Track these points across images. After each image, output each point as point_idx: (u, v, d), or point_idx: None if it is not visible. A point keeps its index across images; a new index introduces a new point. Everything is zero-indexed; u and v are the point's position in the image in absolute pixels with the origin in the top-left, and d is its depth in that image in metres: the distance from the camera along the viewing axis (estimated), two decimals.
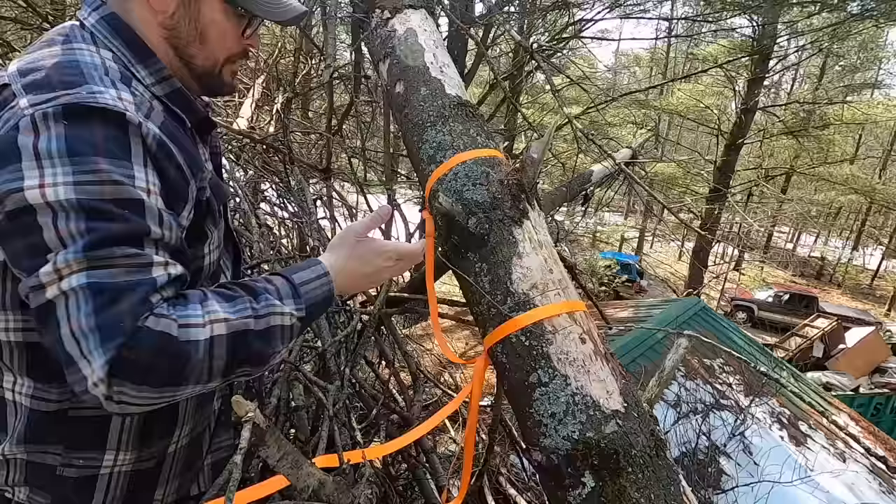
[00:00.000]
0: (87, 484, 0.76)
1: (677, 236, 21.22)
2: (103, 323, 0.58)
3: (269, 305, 0.70)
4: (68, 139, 0.60)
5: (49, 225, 0.58)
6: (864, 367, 10.02)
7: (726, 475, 4.04)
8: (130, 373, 0.59)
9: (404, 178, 5.05)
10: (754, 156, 18.73)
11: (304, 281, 0.76)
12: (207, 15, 0.77)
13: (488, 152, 1.19)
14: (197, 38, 0.78)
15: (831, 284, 24.74)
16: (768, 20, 9.89)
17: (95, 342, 0.57)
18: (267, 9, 0.80)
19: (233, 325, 0.66)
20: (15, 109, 0.61)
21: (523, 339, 1.02)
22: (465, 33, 4.74)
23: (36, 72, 0.65)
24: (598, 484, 0.89)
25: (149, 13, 0.75)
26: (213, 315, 0.65)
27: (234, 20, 0.80)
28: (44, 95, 0.62)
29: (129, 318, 0.58)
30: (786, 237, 28.91)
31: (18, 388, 0.73)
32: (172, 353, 0.60)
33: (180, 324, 0.61)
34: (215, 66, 0.82)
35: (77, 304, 0.58)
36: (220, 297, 0.68)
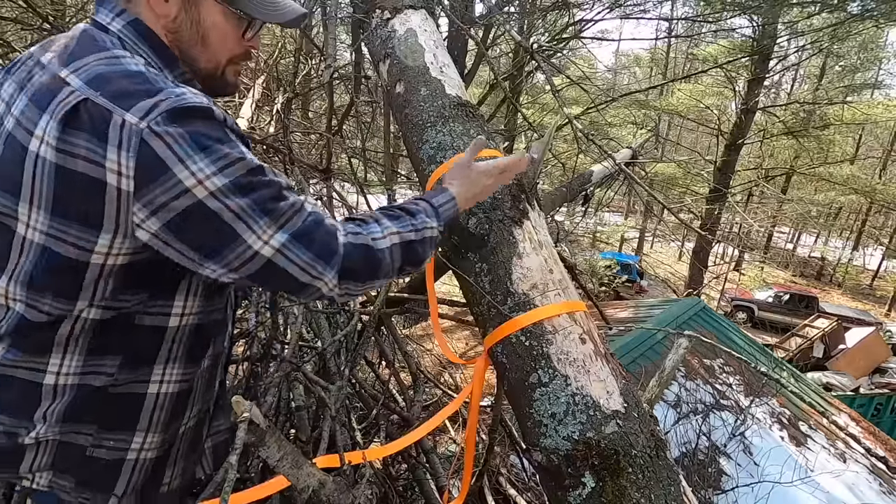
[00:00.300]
0: (113, 467, 0.82)
1: (677, 236, 21.21)
2: (319, 252, 0.77)
3: (423, 222, 0.92)
4: (192, 136, 0.68)
5: (222, 209, 0.69)
6: (865, 367, 10.01)
7: (726, 475, 4.03)
8: (351, 274, 0.81)
9: (404, 178, 5.05)
10: (754, 156, 18.73)
11: (440, 204, 0.97)
12: (208, 18, 0.81)
13: (488, 152, 1.19)
14: (199, 41, 0.82)
15: (831, 285, 24.73)
16: (768, 20, 9.89)
17: (322, 266, 0.78)
18: (265, 11, 0.83)
19: (402, 237, 0.88)
20: (127, 127, 0.66)
21: (523, 339, 1.02)
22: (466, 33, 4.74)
23: (107, 83, 0.69)
24: (598, 484, 0.89)
25: (153, 17, 0.78)
26: (388, 230, 0.87)
27: (234, 22, 0.83)
28: (142, 107, 0.67)
29: (334, 241, 0.79)
30: (786, 237, 28.90)
31: (66, 369, 0.78)
32: (373, 257, 0.83)
33: (372, 237, 0.84)
34: (217, 67, 0.86)
35: (294, 252, 0.75)
36: (389, 217, 0.90)
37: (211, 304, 0.87)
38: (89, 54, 0.72)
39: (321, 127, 4.14)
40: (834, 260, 25.71)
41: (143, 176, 0.67)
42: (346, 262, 0.80)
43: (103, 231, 0.70)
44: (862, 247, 26.94)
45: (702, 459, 3.98)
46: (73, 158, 0.67)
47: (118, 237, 0.70)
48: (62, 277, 0.73)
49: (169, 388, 0.84)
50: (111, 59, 0.72)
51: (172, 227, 0.69)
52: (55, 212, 0.70)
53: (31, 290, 0.74)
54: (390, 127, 3.05)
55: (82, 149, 0.67)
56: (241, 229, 0.71)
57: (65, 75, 0.70)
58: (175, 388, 0.85)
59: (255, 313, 1.86)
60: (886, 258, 24.14)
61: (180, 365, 0.85)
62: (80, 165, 0.67)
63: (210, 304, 0.87)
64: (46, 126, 0.68)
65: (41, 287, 0.74)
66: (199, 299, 0.84)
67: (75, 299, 0.74)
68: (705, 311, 6.55)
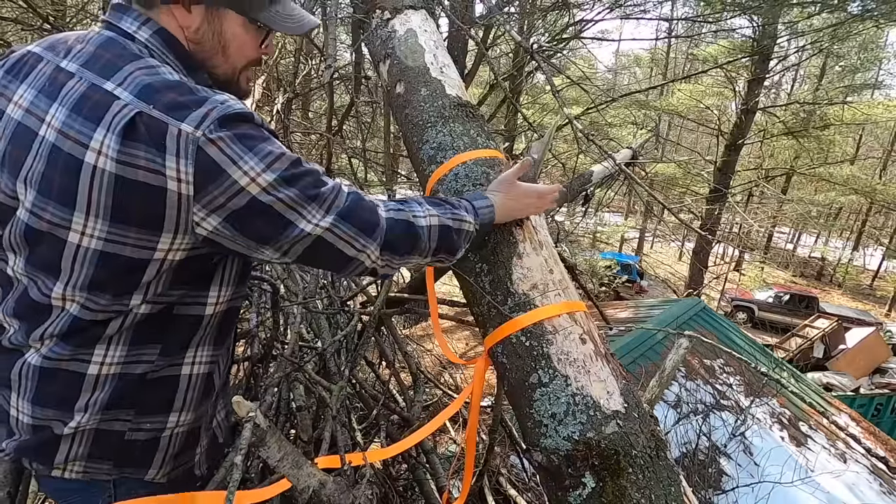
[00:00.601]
0: (150, 447, 0.88)
1: (677, 237, 21.21)
2: (363, 227, 0.84)
3: (461, 214, 0.97)
4: (241, 139, 0.74)
5: (274, 201, 0.76)
6: (865, 367, 10.01)
7: (727, 476, 4.03)
8: (391, 246, 0.88)
9: (405, 178, 5.05)
10: (754, 156, 18.73)
11: (479, 207, 1.01)
12: (229, 29, 0.85)
13: (488, 153, 1.19)
14: (220, 51, 0.87)
15: (832, 285, 24.73)
16: (768, 21, 9.89)
17: (366, 239, 0.84)
18: (284, 24, 0.89)
19: (441, 220, 0.93)
20: (184, 136, 0.72)
21: (524, 339, 1.01)
22: (466, 34, 4.74)
23: (157, 95, 0.73)
24: (598, 484, 0.89)
25: (176, 27, 0.82)
26: (429, 212, 0.93)
27: (254, 33, 0.88)
28: (195, 117, 0.73)
29: (375, 216, 0.86)
30: (786, 237, 28.90)
31: (110, 360, 0.82)
32: (412, 233, 0.89)
33: (413, 214, 0.90)
34: (234, 73, 0.91)
35: (341, 229, 0.82)
36: (432, 203, 0.95)
37: (238, 291, 0.94)
38: (127, 64, 0.76)
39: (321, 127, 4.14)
40: (834, 260, 25.71)
41: (202, 180, 0.73)
42: (388, 235, 0.86)
43: (164, 231, 0.75)
44: (862, 247, 26.94)
45: (702, 460, 3.98)
46: (133, 169, 0.72)
47: (178, 235, 0.76)
48: (122, 277, 0.78)
49: (201, 368, 0.91)
50: (150, 69, 0.76)
51: (231, 221, 0.76)
52: (115, 218, 0.74)
53: (91, 291, 0.78)
54: (390, 127, 3.05)
55: (142, 159, 0.72)
56: (294, 217, 0.78)
57: (111, 88, 0.73)
58: (206, 369, 0.92)
59: (255, 313, 1.86)
60: (886, 258, 24.14)
61: (210, 347, 0.92)
62: (140, 175, 0.72)
63: (237, 292, 0.94)
64: (104, 139, 0.71)
65: (101, 288, 0.78)
66: (230, 288, 0.91)
67: (131, 296, 0.79)
68: (705, 311, 6.55)
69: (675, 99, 15.48)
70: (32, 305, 0.80)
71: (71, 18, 5.06)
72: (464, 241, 0.98)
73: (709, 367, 5.22)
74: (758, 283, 18.36)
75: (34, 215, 0.75)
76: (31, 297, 0.80)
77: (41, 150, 0.74)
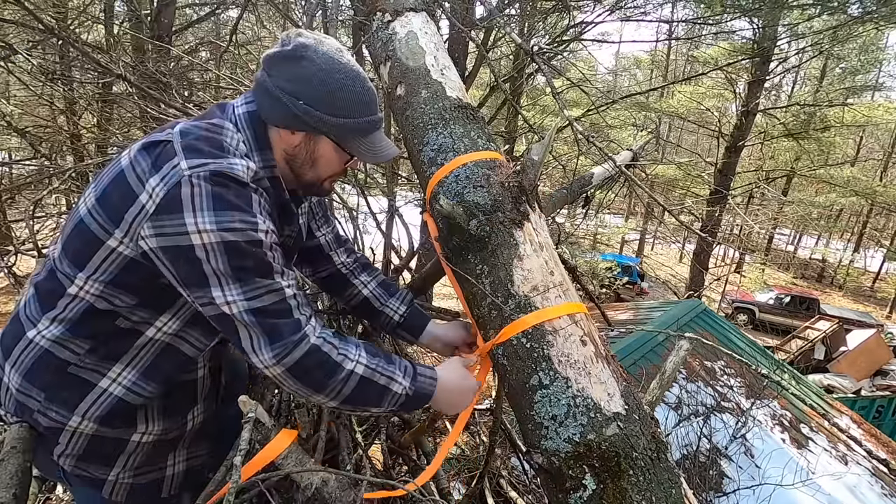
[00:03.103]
0: (54, 433, 0.95)
1: (678, 238, 21.20)
2: (270, 333, 0.86)
3: (394, 373, 0.96)
4: (214, 196, 0.83)
5: (204, 260, 0.83)
6: (866, 369, 9.99)
7: (728, 478, 4.02)
8: (299, 370, 0.87)
9: (405, 180, 5.05)
10: (755, 158, 18.71)
11: (421, 374, 1.00)
12: (321, 151, 1.02)
13: (489, 154, 1.19)
14: (310, 164, 1.03)
15: (832, 286, 24.70)
16: (768, 23, 9.89)
17: (265, 345, 0.86)
18: (366, 154, 1.03)
19: (367, 372, 0.93)
20: (177, 168, 0.84)
21: (524, 341, 1.01)
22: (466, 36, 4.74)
23: (190, 137, 0.89)
24: (599, 486, 0.89)
25: (279, 140, 0.99)
26: (361, 358, 0.93)
27: (341, 154, 1.03)
28: (197, 163, 0.85)
29: (290, 330, 0.87)
30: (787, 239, 28.87)
31: (121, 379, 0.94)
32: (327, 370, 0.89)
33: (339, 352, 0.91)
34: (318, 181, 1.06)
35: (247, 322, 0.85)
36: (368, 350, 0.96)
37: (187, 333, 0.98)
38: (204, 121, 0.94)
39: None
40: (835, 262, 25.67)
41: (164, 206, 0.83)
42: (298, 356, 0.87)
43: (119, 227, 0.86)
44: (863, 249, 26.91)
45: (703, 462, 3.97)
46: (132, 171, 0.86)
47: (126, 237, 0.87)
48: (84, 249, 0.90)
49: (117, 389, 0.96)
50: (212, 125, 0.93)
51: (166, 252, 0.84)
52: (100, 199, 0.88)
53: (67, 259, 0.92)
54: (391, 129, 3.05)
55: (141, 168, 0.86)
56: (212, 282, 0.84)
57: (175, 128, 0.90)
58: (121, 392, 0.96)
59: None
60: (887, 260, 24.09)
61: (136, 374, 0.97)
62: (132, 178, 0.86)
63: (187, 333, 0.98)
64: (135, 146, 0.90)
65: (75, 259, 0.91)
66: (177, 322, 0.96)
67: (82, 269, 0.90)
68: (706, 313, 6.54)
69: (676, 101, 15.48)
70: None
71: (72, 22, 5.07)
72: (387, 402, 0.96)
73: (709, 369, 5.21)
74: (758, 284, 18.32)
75: None
76: None
77: None
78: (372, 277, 1.31)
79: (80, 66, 4.87)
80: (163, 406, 1.00)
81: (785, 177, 18.32)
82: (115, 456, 0.98)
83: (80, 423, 0.93)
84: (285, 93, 0.94)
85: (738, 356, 1.77)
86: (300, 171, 1.03)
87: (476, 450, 2.43)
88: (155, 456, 1.02)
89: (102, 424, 0.95)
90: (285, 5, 3.43)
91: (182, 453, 1.06)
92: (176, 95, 3.14)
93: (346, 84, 0.96)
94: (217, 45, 6.44)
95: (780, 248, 27.86)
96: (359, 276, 1.30)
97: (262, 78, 0.97)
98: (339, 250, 1.31)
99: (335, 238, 1.31)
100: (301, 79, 0.94)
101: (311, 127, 0.97)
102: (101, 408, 0.94)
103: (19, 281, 2.27)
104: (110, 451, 0.97)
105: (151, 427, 0.99)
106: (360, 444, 1.53)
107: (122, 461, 0.98)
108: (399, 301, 1.29)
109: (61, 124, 5.31)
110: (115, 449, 0.97)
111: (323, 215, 1.28)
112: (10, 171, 5.20)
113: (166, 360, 0.97)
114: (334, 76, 0.95)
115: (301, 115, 0.95)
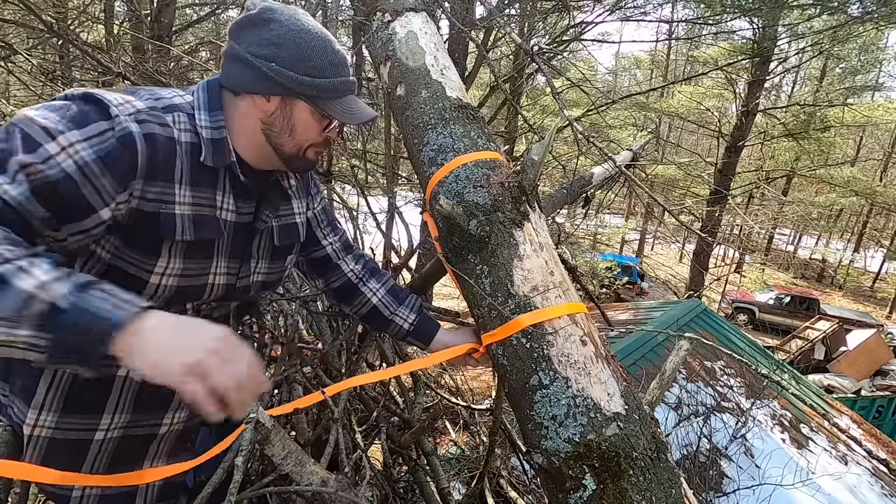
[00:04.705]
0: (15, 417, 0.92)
1: (678, 238, 21.20)
2: None
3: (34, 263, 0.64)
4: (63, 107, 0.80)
5: None
6: (866, 369, 10.00)
7: (728, 478, 4.03)
8: None
9: (405, 180, 5.05)
10: (755, 158, 18.72)
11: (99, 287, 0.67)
12: (297, 115, 0.98)
13: (489, 154, 1.19)
14: (287, 132, 0.99)
15: (832, 287, 24.71)
16: (768, 23, 9.89)
17: None
18: (343, 115, 1.00)
19: None
20: None
21: (524, 341, 1.01)
22: (466, 36, 4.74)
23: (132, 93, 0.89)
24: (599, 486, 0.89)
25: (252, 109, 0.96)
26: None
27: (318, 118, 1.00)
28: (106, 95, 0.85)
29: None
30: (787, 239, 28.88)
31: None
32: None
33: None
34: (299, 150, 1.02)
35: None
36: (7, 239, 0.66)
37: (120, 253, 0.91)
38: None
39: None
40: (835, 262, 25.68)
41: None
42: None
43: None
44: (863, 249, 26.92)
45: (703, 462, 3.98)
46: None
47: None
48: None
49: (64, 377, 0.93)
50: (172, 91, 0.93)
51: None
52: None
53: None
54: (391, 129, 3.05)
55: None
56: None
57: None
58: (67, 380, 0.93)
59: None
60: (887, 260, 24.10)
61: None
62: None
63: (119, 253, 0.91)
64: None
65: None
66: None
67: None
68: (706, 313, 6.54)
69: (676, 101, 15.49)
70: None
71: (72, 22, 5.06)
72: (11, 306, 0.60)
73: (709, 369, 5.21)
74: (758, 284, 18.33)
75: None
76: None
77: None
78: (381, 284, 1.29)
79: (80, 66, 4.87)
80: (132, 391, 0.93)
81: (785, 177, 18.33)
82: (77, 464, 0.91)
83: (37, 417, 0.88)
84: (256, 57, 0.92)
85: (738, 356, 1.77)
86: (279, 141, 0.99)
87: (476, 450, 2.44)
88: (124, 461, 0.95)
89: (65, 412, 0.89)
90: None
91: (159, 464, 1.00)
92: None
93: (317, 45, 0.95)
94: (217, 45, 6.44)
95: (780, 248, 27.87)
96: (367, 283, 1.28)
97: (231, 48, 0.94)
98: (347, 258, 1.28)
99: (343, 246, 1.28)
100: (272, 42, 0.92)
101: (287, 88, 0.94)
102: (60, 388, 0.88)
103: None
104: (71, 458, 0.90)
105: (118, 418, 0.93)
106: (360, 444, 1.53)
107: (87, 469, 0.92)
108: (408, 309, 1.27)
109: None
110: (77, 454, 0.91)
111: (329, 223, 1.25)
112: None
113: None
114: (304, 37, 0.94)
115: (275, 76, 0.92)
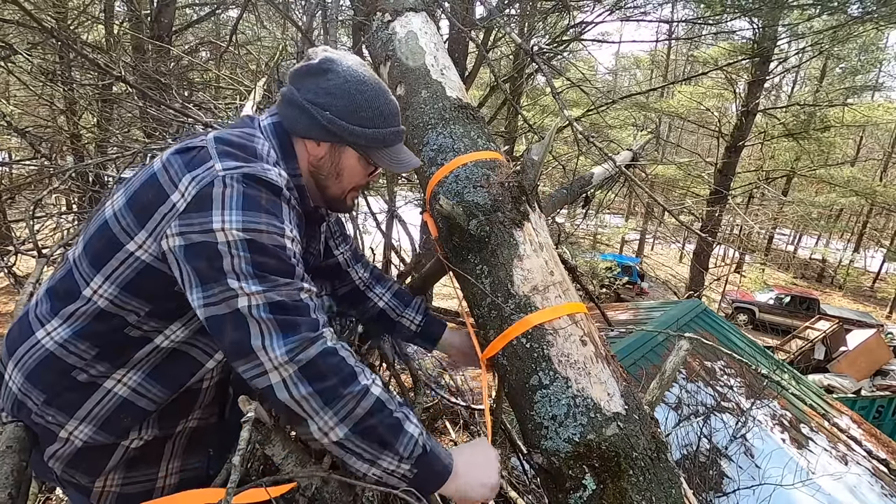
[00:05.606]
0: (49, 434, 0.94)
1: (678, 238, 21.20)
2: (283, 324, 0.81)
3: (407, 413, 0.88)
4: (245, 197, 0.84)
5: (226, 254, 0.81)
6: (866, 369, 9.99)
7: (728, 478, 4.02)
8: (310, 369, 0.81)
9: (405, 180, 5.05)
10: (755, 158, 18.72)
11: (434, 448, 0.89)
12: (345, 161, 1.04)
13: (489, 155, 1.19)
14: (334, 175, 1.05)
15: (832, 286, 24.70)
16: (768, 23, 9.89)
17: (276, 337, 0.80)
18: (390, 164, 1.05)
19: (383, 395, 0.85)
20: (211, 170, 0.85)
21: (524, 341, 1.01)
22: (466, 36, 4.74)
23: (224, 144, 0.91)
24: (598, 486, 0.89)
25: (304, 152, 1.02)
26: (376, 381, 0.86)
27: (364, 165, 1.06)
28: (231, 165, 0.87)
29: (307, 327, 0.82)
30: (787, 239, 28.87)
31: (126, 380, 0.93)
32: (342, 377, 0.83)
33: (356, 364, 0.85)
34: (342, 194, 1.08)
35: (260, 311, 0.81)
36: (386, 390, 0.88)
37: (194, 340, 0.97)
38: (236, 129, 0.97)
39: None
40: (835, 262, 25.67)
41: (195, 204, 0.83)
42: (314, 354, 0.81)
43: (143, 228, 0.87)
44: (863, 249, 26.92)
45: (703, 462, 3.97)
46: (164, 172, 0.88)
47: (151, 237, 0.87)
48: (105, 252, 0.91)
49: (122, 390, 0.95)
50: (245, 133, 0.95)
51: (186, 248, 0.83)
52: (131, 201, 0.89)
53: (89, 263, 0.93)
54: None
55: (173, 170, 0.88)
56: (230, 277, 0.82)
57: (209, 135, 0.93)
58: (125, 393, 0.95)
59: None
60: (887, 260, 24.09)
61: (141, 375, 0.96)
62: (164, 179, 0.87)
63: (195, 341, 0.97)
64: (167, 151, 0.92)
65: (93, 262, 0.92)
66: (185, 331, 0.95)
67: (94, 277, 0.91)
68: (706, 312, 6.54)
69: (676, 101, 15.48)
70: None
71: (72, 22, 5.06)
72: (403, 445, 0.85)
73: (709, 369, 5.21)
74: (758, 284, 18.32)
75: None
76: None
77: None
78: (386, 289, 1.33)
79: (80, 67, 4.87)
80: (161, 410, 0.99)
81: (785, 177, 18.33)
82: (102, 464, 0.96)
83: (76, 427, 0.92)
84: (312, 104, 0.98)
85: (738, 356, 1.77)
86: (325, 184, 1.05)
87: None
88: (143, 463, 1.00)
89: (101, 429, 0.93)
90: (285, 5, 3.43)
91: (175, 464, 1.04)
92: (176, 95, 3.14)
93: (371, 96, 1.00)
94: (217, 45, 6.45)
95: (780, 248, 27.86)
96: (374, 288, 1.33)
97: (289, 92, 1.00)
98: (356, 266, 1.32)
99: (353, 254, 1.33)
100: (328, 91, 0.98)
101: (338, 137, 1.00)
102: (104, 409, 0.93)
103: (19, 281, 2.27)
104: (98, 459, 0.96)
105: (144, 433, 0.98)
106: None
107: (110, 469, 0.97)
108: (414, 311, 1.32)
109: (61, 124, 5.31)
110: (103, 456, 0.96)
111: (341, 233, 1.30)
112: (10, 171, 5.19)
113: (175, 365, 0.96)
114: (359, 88, 0.99)
115: (328, 125, 0.98)
